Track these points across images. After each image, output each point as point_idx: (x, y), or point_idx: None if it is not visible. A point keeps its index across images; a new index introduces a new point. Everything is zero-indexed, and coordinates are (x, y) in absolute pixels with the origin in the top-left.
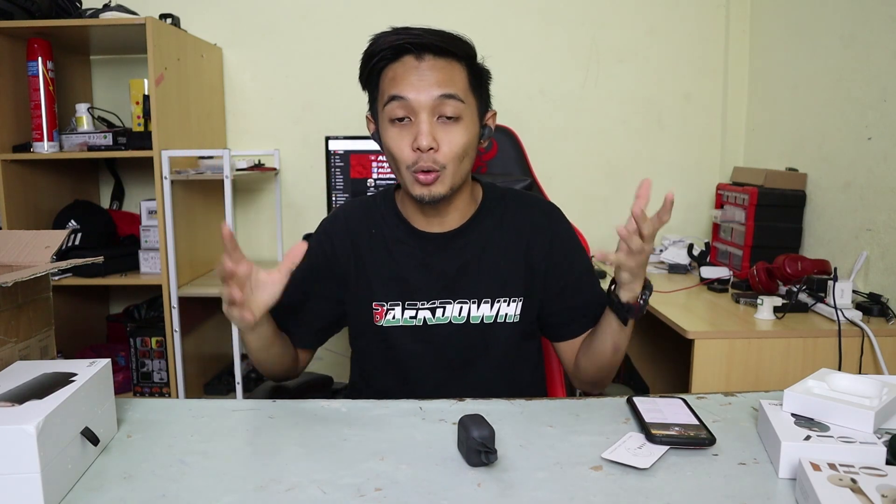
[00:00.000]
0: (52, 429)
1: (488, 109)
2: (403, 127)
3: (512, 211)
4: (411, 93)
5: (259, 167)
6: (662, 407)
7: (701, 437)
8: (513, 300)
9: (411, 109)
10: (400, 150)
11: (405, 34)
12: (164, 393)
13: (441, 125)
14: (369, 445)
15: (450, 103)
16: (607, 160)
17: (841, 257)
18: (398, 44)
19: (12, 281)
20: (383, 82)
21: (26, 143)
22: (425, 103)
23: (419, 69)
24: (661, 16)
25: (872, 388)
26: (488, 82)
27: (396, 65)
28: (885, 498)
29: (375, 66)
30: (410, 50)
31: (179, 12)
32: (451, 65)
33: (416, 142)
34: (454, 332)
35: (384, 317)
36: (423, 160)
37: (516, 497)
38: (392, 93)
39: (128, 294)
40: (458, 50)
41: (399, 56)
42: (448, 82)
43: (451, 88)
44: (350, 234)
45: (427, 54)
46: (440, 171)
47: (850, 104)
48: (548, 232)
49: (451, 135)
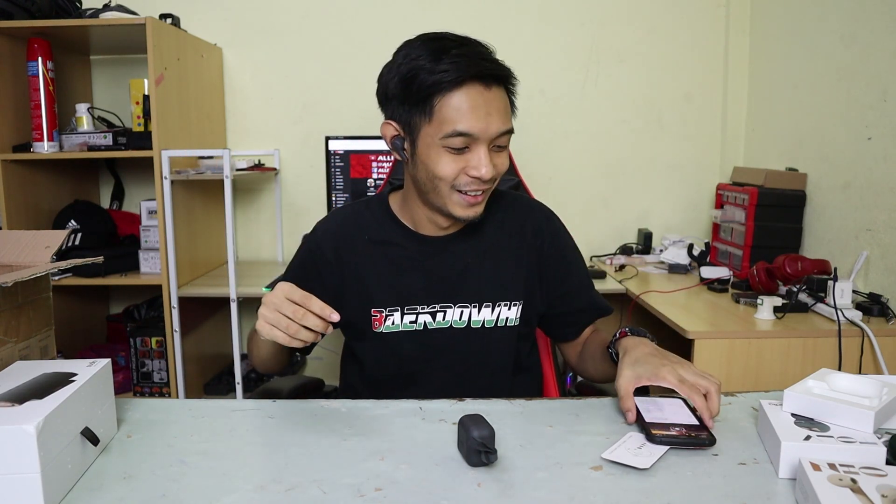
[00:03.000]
0: (52, 429)
1: None
2: (458, 153)
3: (512, 214)
4: (478, 128)
5: (259, 167)
6: (663, 406)
7: (701, 438)
8: (513, 304)
9: (472, 140)
10: (450, 172)
11: (471, 60)
12: (164, 393)
13: (494, 153)
14: (369, 445)
15: (506, 137)
16: (607, 160)
17: (841, 257)
18: (476, 73)
19: (12, 281)
20: (443, 109)
21: (26, 143)
22: (488, 138)
23: (486, 100)
24: (661, 16)
25: (872, 388)
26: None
27: (460, 92)
28: (885, 498)
29: (432, 88)
30: (479, 79)
31: (179, 12)
32: (503, 93)
33: (474, 170)
34: (455, 337)
35: (384, 322)
36: (476, 185)
37: (516, 497)
38: (458, 128)
39: (128, 294)
40: (508, 75)
41: (465, 82)
42: (507, 115)
43: (509, 122)
44: (341, 241)
45: (494, 83)
46: (484, 192)
47: (850, 104)
48: (549, 236)
49: (498, 160)
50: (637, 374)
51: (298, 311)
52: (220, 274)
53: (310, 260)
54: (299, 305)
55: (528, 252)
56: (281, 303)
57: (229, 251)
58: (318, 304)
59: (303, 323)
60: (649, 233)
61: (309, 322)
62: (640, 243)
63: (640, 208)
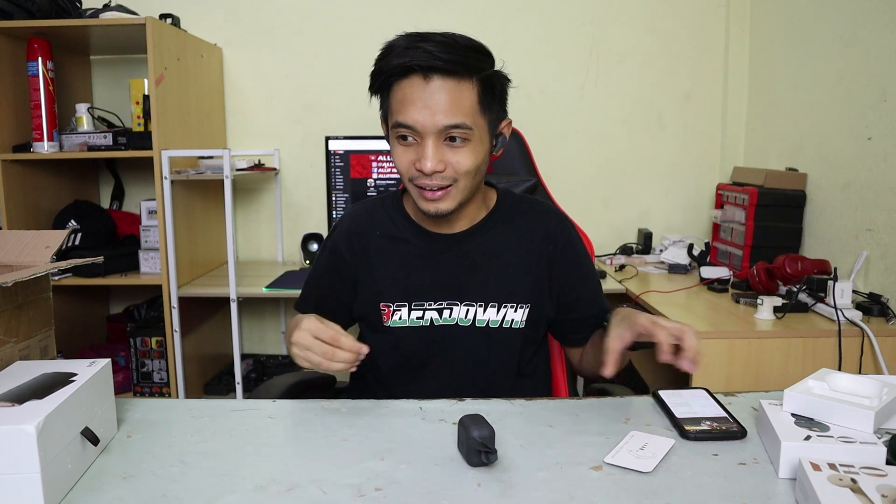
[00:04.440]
0: (52, 429)
1: (503, 118)
2: (409, 145)
3: (526, 219)
4: (417, 120)
5: (259, 167)
6: (689, 400)
7: (733, 431)
8: (520, 307)
9: (417, 133)
10: (403, 165)
11: (413, 51)
12: (164, 393)
13: (448, 147)
14: (369, 445)
15: (456, 131)
16: (607, 160)
17: (841, 257)
18: (405, 65)
19: (12, 281)
20: (391, 100)
21: (26, 143)
22: (431, 130)
23: (426, 92)
24: (661, 16)
25: (872, 388)
26: (505, 91)
27: (405, 83)
28: (885, 498)
29: (385, 82)
30: (419, 71)
31: (179, 12)
32: (460, 85)
33: (419, 163)
34: (460, 335)
35: (391, 317)
36: (429, 180)
37: (516, 497)
38: (398, 119)
39: (128, 294)
40: (468, 68)
41: (407, 74)
42: (455, 109)
43: (456, 117)
44: (354, 237)
45: (435, 75)
46: (450, 186)
47: (850, 104)
48: (562, 243)
49: (458, 156)
50: (620, 333)
51: (328, 351)
52: (220, 274)
53: (330, 262)
54: (329, 344)
55: (538, 257)
56: (311, 344)
57: (229, 251)
58: (347, 342)
59: (334, 360)
60: (649, 233)
61: (339, 358)
62: (640, 243)
63: (640, 208)
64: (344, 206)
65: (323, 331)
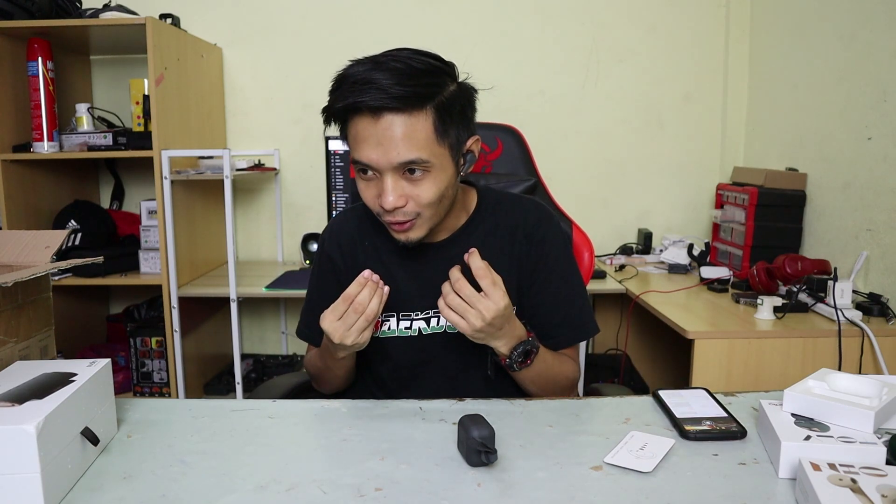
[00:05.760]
0: (52, 429)
1: (469, 137)
2: (370, 179)
3: (506, 218)
4: (372, 158)
5: (259, 167)
6: (689, 400)
7: (733, 431)
8: None
9: (374, 169)
10: (368, 200)
11: (362, 87)
12: (164, 393)
13: (407, 180)
14: (369, 445)
15: (413, 165)
16: (607, 160)
17: (841, 257)
18: (352, 105)
19: (12, 281)
20: (348, 135)
21: (26, 143)
22: (387, 168)
23: (378, 129)
24: (661, 15)
25: (872, 388)
26: (468, 108)
27: (356, 120)
28: (885, 498)
29: (333, 118)
30: (366, 110)
31: (179, 12)
32: (412, 118)
33: (381, 199)
34: (449, 342)
35: (380, 327)
36: (392, 215)
37: (516, 497)
38: (354, 156)
39: (128, 294)
40: (421, 98)
41: (358, 111)
42: (409, 144)
43: (411, 152)
44: (345, 246)
45: (384, 112)
46: (414, 219)
47: (850, 104)
48: (536, 239)
49: (418, 189)
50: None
51: (358, 306)
52: (220, 274)
53: (325, 274)
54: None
55: (518, 256)
56: (343, 320)
57: (229, 251)
58: (362, 295)
59: (366, 312)
60: (649, 233)
61: (372, 306)
62: (640, 243)
63: (640, 208)
64: (344, 206)
65: (338, 306)
